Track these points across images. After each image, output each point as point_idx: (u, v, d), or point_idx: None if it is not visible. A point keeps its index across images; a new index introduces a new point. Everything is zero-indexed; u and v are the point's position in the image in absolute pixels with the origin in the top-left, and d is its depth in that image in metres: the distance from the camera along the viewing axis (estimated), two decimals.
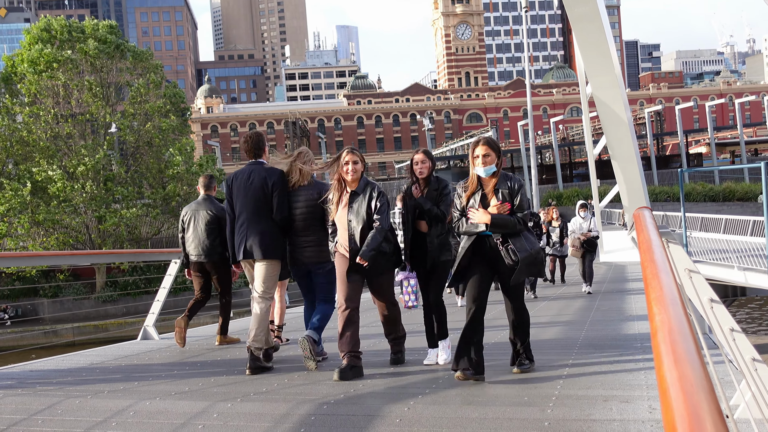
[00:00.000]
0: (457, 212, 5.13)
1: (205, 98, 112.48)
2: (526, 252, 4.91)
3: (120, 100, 39.58)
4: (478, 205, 5.01)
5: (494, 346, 6.99)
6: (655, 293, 1.79)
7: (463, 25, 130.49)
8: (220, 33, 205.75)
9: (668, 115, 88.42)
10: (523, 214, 4.99)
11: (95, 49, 36.40)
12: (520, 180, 5.16)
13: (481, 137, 5.21)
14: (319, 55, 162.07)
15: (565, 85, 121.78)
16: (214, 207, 7.69)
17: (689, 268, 3.74)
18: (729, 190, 54.31)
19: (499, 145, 5.16)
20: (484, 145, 5.02)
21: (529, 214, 5.06)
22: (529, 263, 4.89)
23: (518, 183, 5.08)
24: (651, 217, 3.88)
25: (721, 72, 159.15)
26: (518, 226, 4.95)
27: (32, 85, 35.88)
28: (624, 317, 8.99)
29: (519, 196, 5.00)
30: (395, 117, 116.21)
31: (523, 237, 4.97)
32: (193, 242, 7.69)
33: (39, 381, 6.05)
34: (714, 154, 67.46)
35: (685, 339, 1.35)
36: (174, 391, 5.24)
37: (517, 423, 3.92)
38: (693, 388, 1.11)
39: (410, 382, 5.24)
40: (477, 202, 5.02)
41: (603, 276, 16.31)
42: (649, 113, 67.22)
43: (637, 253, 3.11)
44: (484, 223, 4.94)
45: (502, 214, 4.94)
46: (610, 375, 5.14)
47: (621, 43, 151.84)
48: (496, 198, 5.01)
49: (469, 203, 5.06)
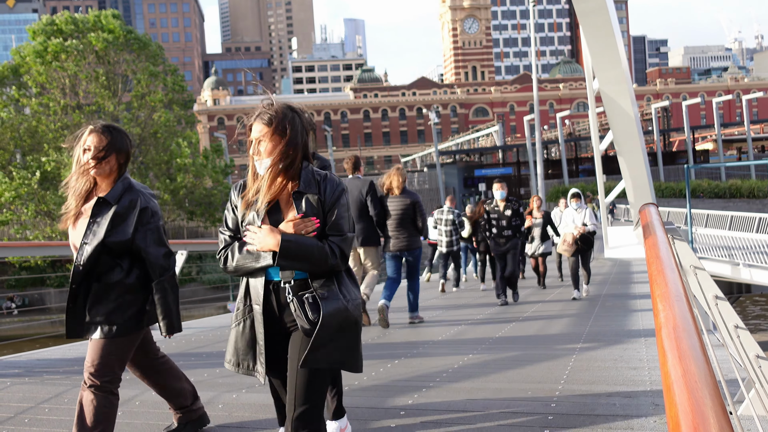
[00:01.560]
0: (226, 233, 2.91)
1: (212, 90, 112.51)
2: (334, 308, 2.74)
3: (126, 91, 39.69)
4: (261, 219, 2.81)
5: (498, 340, 7.01)
6: (661, 290, 1.80)
7: (471, 19, 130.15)
8: (227, 25, 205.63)
9: (675, 111, 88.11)
10: (342, 238, 2.81)
11: (103, 41, 36.50)
12: (339, 181, 2.95)
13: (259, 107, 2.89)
14: (325, 48, 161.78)
15: (572, 80, 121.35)
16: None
17: (694, 264, 3.74)
18: (735, 187, 54.11)
19: (295, 118, 2.87)
20: (258, 121, 2.83)
21: (350, 241, 2.86)
22: (337, 330, 2.76)
23: (334, 185, 2.89)
24: (657, 214, 3.88)
25: (728, 68, 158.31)
26: (330, 260, 2.77)
27: (40, 76, 36.00)
28: (628, 313, 8.99)
29: (336, 207, 2.85)
30: (401, 111, 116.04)
31: (336, 282, 2.81)
32: None
33: (46, 370, 6.09)
34: (721, 151, 67.16)
35: (689, 335, 1.36)
36: None
37: (520, 417, 3.94)
38: (697, 384, 1.12)
39: (414, 375, 5.26)
40: (260, 216, 2.81)
41: (608, 272, 16.30)
42: (656, 109, 66.94)
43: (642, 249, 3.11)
44: (271, 252, 2.74)
45: (303, 236, 2.75)
46: (614, 370, 5.15)
47: (628, 38, 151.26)
48: (295, 209, 2.82)
49: (247, 218, 2.85)
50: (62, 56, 36.02)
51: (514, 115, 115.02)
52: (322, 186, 2.87)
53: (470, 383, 4.85)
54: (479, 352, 6.19)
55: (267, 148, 2.79)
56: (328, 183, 2.89)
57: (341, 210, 2.86)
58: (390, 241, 8.19)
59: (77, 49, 36.29)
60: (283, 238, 2.72)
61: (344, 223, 2.85)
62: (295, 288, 2.80)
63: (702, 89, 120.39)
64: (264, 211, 2.83)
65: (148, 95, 37.87)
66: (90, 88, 36.93)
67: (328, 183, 2.89)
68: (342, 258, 2.80)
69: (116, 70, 38.30)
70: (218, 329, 8.51)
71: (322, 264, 2.76)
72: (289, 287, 2.79)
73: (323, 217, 2.83)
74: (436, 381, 4.95)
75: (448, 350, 6.48)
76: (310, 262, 2.74)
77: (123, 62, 38.43)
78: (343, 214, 2.86)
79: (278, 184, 2.83)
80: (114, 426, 3.36)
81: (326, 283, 2.80)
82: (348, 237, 2.85)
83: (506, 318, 8.79)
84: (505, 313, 9.27)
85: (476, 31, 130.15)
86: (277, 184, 2.83)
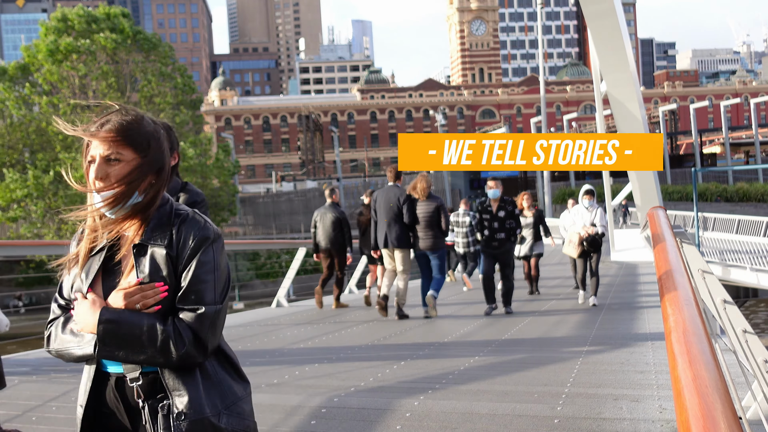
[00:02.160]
0: (58, 299, 1.95)
1: (219, 90, 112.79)
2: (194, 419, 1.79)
3: (135, 91, 39.87)
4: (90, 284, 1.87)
5: (505, 342, 7.00)
6: (670, 293, 1.79)
7: (478, 21, 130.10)
8: (235, 26, 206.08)
9: (683, 114, 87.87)
10: (199, 314, 1.82)
11: (112, 42, 36.67)
12: (206, 225, 1.89)
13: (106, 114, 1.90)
14: (333, 49, 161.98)
15: (579, 82, 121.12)
16: (337, 211, 10.49)
17: (702, 268, 3.73)
18: (743, 190, 53.91)
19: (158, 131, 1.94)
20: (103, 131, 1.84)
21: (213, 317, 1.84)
22: None
23: (197, 231, 1.87)
24: (665, 217, 3.87)
25: (736, 71, 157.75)
26: (175, 351, 1.78)
27: (51, 75, 36.20)
28: (635, 316, 8.96)
29: (194, 266, 1.84)
30: (408, 112, 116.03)
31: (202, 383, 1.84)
32: (321, 235, 10.46)
33: (53, 368, 6.11)
34: (728, 154, 66.93)
35: (699, 340, 1.36)
36: None
37: (526, 420, 3.93)
38: (707, 389, 1.11)
39: (420, 376, 5.26)
40: (88, 278, 1.88)
41: (614, 275, 16.26)
42: (663, 112, 66.76)
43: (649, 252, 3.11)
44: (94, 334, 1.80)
45: (138, 313, 1.80)
46: (621, 374, 5.13)
47: (636, 40, 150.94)
48: (137, 269, 1.84)
49: (75, 282, 1.90)
50: (73, 56, 36.21)
51: (521, 117, 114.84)
52: (177, 233, 1.84)
53: (476, 385, 4.84)
54: (485, 354, 6.19)
55: (114, 172, 1.81)
56: (185, 228, 1.84)
57: (202, 270, 1.82)
58: (418, 242, 9.13)
59: (89, 50, 36.48)
60: (103, 317, 1.76)
61: (206, 290, 1.82)
62: (145, 387, 1.80)
63: (710, 92, 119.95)
64: (96, 271, 1.87)
65: (158, 96, 38.02)
66: (99, 88, 37.12)
67: (185, 228, 1.84)
68: (197, 345, 1.78)
69: (124, 70, 38.46)
70: (224, 329, 8.52)
71: (163, 356, 1.75)
72: (137, 386, 1.80)
73: (174, 281, 1.82)
74: (442, 383, 4.95)
75: (455, 352, 6.47)
76: (141, 353, 1.75)
77: (131, 62, 38.60)
78: (205, 276, 1.82)
79: (121, 228, 1.88)
80: None
81: (186, 385, 1.80)
82: (208, 313, 1.81)
83: (513, 320, 8.78)
84: (512, 315, 9.26)
85: (483, 33, 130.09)
86: (118, 229, 1.88)
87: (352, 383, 5.04)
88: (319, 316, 9.94)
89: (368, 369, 5.64)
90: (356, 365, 5.88)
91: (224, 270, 1.89)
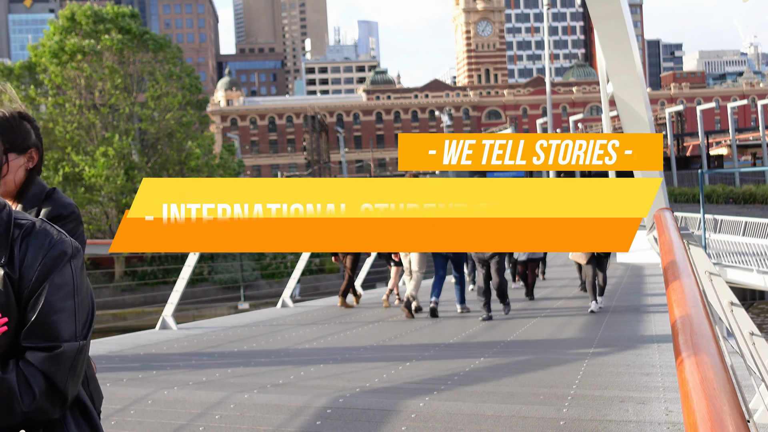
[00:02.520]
0: None
1: (225, 91, 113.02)
2: None
3: (141, 91, 39.97)
4: None
5: (510, 344, 6.99)
6: (677, 295, 1.79)
7: (484, 22, 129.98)
8: (241, 26, 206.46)
9: (689, 116, 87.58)
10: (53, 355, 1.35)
11: (119, 42, 36.77)
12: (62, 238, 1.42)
13: None
14: (339, 49, 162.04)
15: (586, 83, 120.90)
16: None
17: (709, 270, 3.72)
18: (749, 192, 53.71)
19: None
20: None
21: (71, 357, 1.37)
22: None
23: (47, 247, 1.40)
24: (672, 219, 3.86)
25: (744, 73, 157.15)
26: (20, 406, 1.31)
27: (57, 77, 36.30)
28: (641, 318, 8.94)
29: (46, 292, 1.37)
30: (414, 113, 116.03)
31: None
32: None
33: None
34: (735, 156, 66.69)
35: (707, 342, 1.35)
36: (192, 381, 5.29)
37: (532, 422, 3.93)
38: (715, 391, 1.11)
39: (426, 377, 5.26)
40: None
41: (620, 276, 16.22)
42: (670, 113, 66.55)
43: (655, 253, 3.10)
44: None
45: None
46: (627, 376, 5.12)
47: (643, 42, 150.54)
48: None
49: None
50: (78, 56, 36.30)
51: (527, 118, 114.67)
52: (20, 249, 1.40)
53: (481, 387, 4.84)
54: (491, 356, 6.18)
55: None
56: (32, 242, 1.40)
57: (58, 296, 1.39)
58: None
59: (94, 50, 36.57)
60: None
61: (63, 322, 1.38)
62: None
63: (717, 94, 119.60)
64: None
65: (166, 96, 38.11)
66: (106, 88, 37.23)
67: (32, 242, 1.40)
68: (52, 396, 1.35)
69: (131, 70, 38.56)
70: (230, 329, 8.54)
71: (4, 415, 1.33)
72: None
73: (16, 312, 1.38)
74: (447, 384, 4.94)
75: (460, 353, 6.47)
76: None
77: (138, 62, 38.69)
78: (61, 303, 1.38)
79: None
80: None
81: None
82: (67, 352, 1.37)
83: (518, 322, 8.77)
84: (517, 316, 9.25)
85: (490, 34, 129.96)
86: None
87: (358, 384, 5.04)
88: (324, 316, 9.96)
89: (374, 370, 5.64)
90: (361, 366, 5.88)
91: (86, 294, 1.43)
